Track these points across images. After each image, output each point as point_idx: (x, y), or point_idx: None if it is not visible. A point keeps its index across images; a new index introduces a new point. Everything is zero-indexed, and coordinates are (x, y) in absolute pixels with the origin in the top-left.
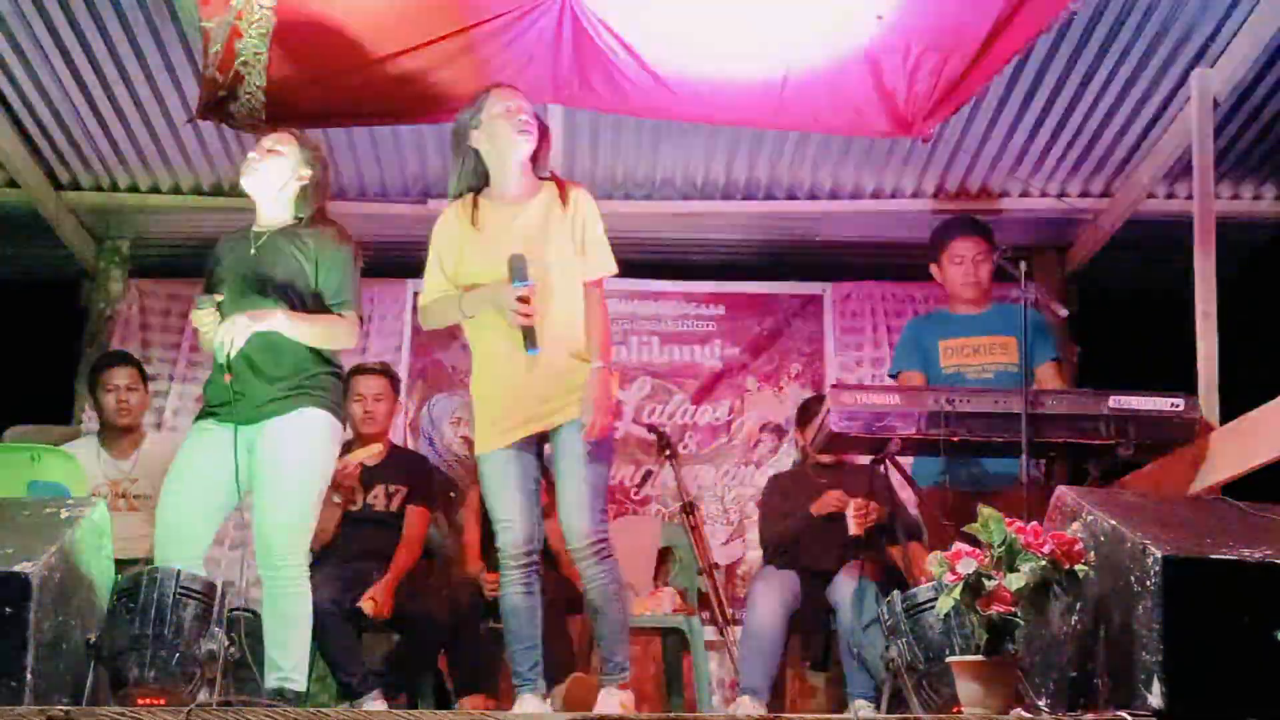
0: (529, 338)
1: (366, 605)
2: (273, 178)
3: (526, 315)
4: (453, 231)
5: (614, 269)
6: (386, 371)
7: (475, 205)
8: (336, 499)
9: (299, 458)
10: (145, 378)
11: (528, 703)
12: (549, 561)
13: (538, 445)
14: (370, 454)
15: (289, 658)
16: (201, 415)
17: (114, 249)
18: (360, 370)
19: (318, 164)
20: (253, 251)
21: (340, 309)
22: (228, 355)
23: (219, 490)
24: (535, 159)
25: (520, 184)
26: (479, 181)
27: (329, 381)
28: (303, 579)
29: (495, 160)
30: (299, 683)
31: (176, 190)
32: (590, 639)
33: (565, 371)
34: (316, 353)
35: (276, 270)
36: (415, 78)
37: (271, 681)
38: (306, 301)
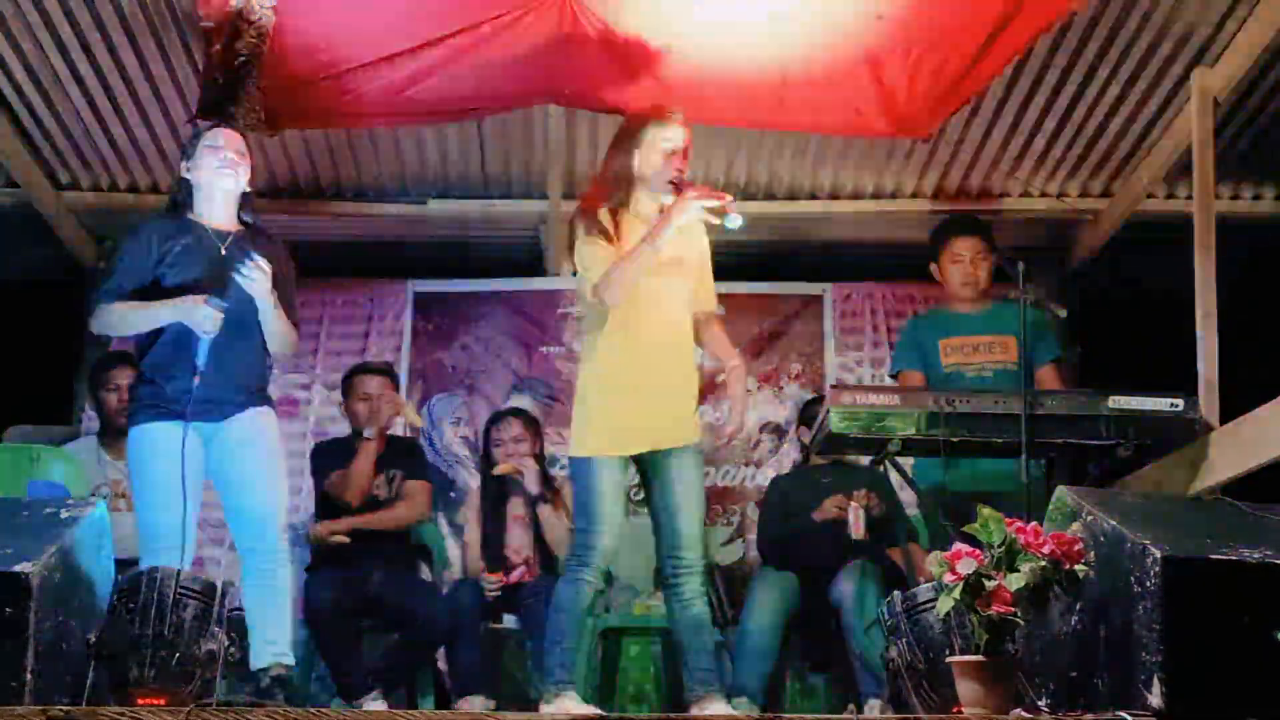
0: (726, 214)
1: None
2: (243, 182)
3: (715, 194)
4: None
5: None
6: (389, 371)
7: (615, 217)
8: (369, 433)
9: (271, 448)
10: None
11: (569, 702)
12: (548, 568)
13: None
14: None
15: (282, 632)
16: (153, 417)
17: (114, 249)
18: (365, 370)
19: None
20: (223, 252)
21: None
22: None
23: (195, 492)
24: None
25: (657, 209)
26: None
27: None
28: (286, 551)
29: (643, 184)
30: (290, 656)
31: None
32: (592, 643)
33: (686, 393)
34: (265, 356)
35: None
36: (415, 78)
37: (267, 658)
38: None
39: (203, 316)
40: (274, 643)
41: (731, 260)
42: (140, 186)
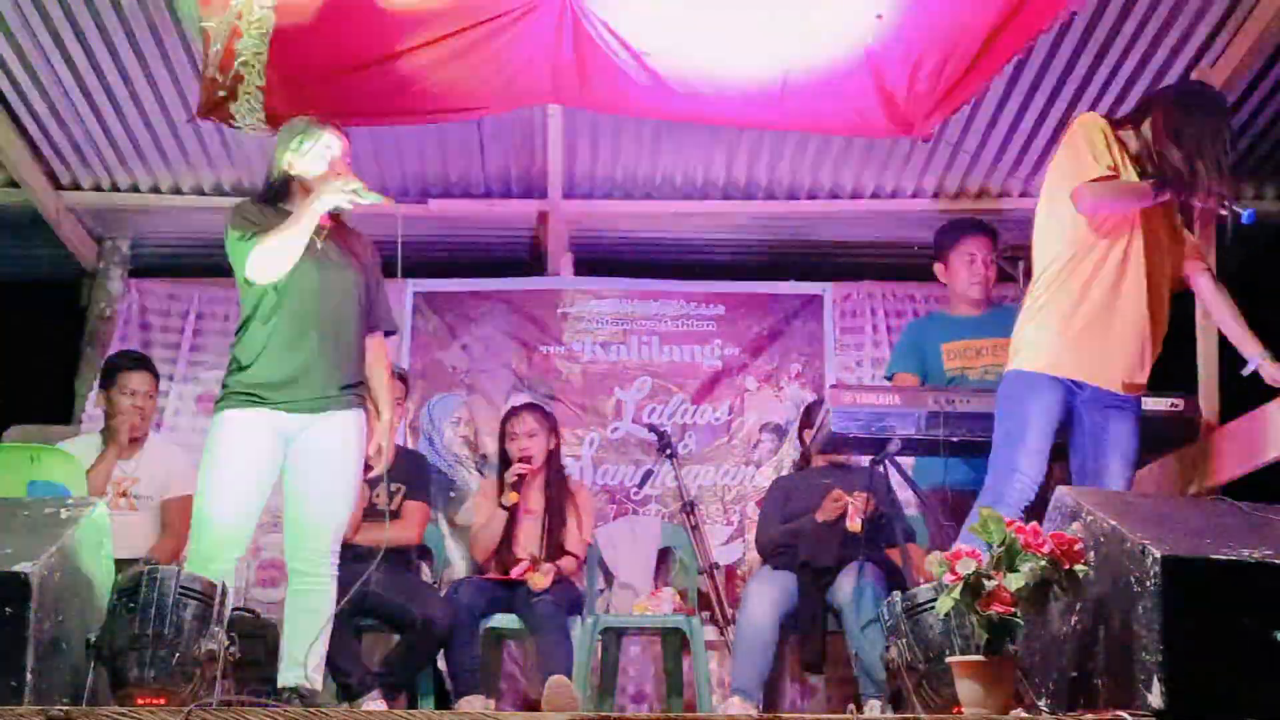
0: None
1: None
2: None
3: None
4: (1111, 140)
5: None
6: (402, 376)
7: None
8: None
9: (356, 458)
10: (158, 383)
11: None
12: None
13: None
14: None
15: (314, 655)
16: (239, 402)
17: (114, 249)
18: None
19: None
20: (319, 245)
21: None
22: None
23: (268, 487)
24: None
25: None
26: None
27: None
28: (332, 574)
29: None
30: (317, 681)
31: (176, 190)
32: (592, 642)
33: (1141, 340)
34: (359, 353)
35: None
36: (415, 78)
37: (291, 678)
38: None
39: (337, 185)
40: (302, 666)
41: (731, 260)
42: (140, 186)
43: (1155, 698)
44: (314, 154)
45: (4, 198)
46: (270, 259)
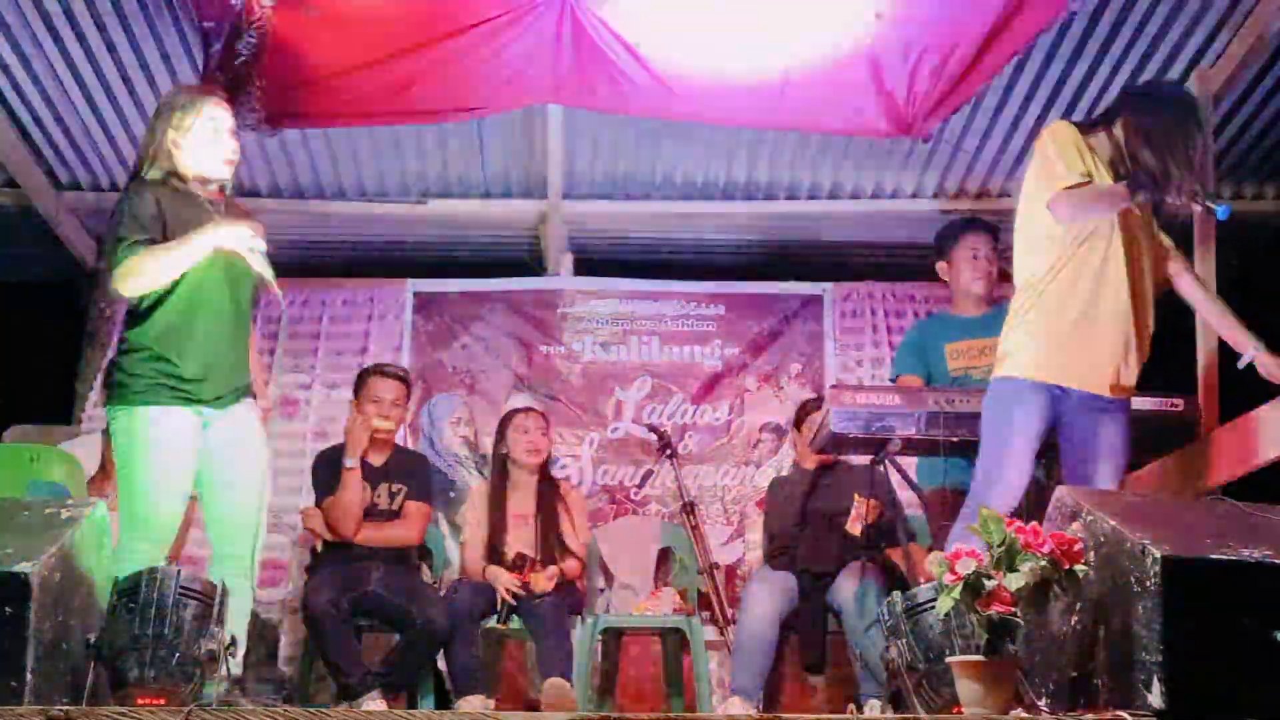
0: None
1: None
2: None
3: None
4: (1082, 147)
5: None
6: (405, 379)
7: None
8: (350, 463)
9: (261, 449)
10: None
11: None
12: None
13: None
14: (385, 429)
15: (240, 645)
16: (170, 398)
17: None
18: (381, 373)
19: None
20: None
21: None
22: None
23: (190, 484)
24: None
25: None
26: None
27: None
28: (256, 565)
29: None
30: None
31: None
32: (592, 642)
33: (1126, 342)
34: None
35: None
36: (415, 78)
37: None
38: None
39: (245, 233)
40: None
41: (731, 260)
42: None
43: (1155, 698)
44: (198, 127)
45: (4, 198)
46: (145, 277)
